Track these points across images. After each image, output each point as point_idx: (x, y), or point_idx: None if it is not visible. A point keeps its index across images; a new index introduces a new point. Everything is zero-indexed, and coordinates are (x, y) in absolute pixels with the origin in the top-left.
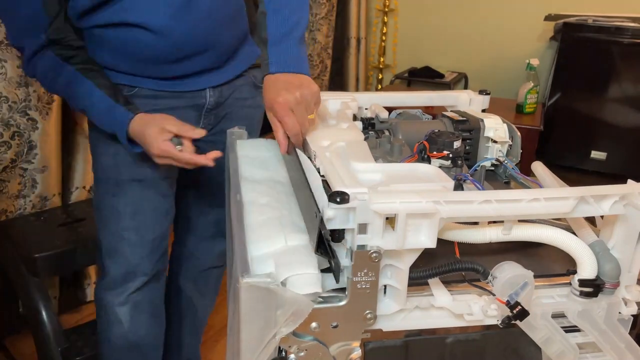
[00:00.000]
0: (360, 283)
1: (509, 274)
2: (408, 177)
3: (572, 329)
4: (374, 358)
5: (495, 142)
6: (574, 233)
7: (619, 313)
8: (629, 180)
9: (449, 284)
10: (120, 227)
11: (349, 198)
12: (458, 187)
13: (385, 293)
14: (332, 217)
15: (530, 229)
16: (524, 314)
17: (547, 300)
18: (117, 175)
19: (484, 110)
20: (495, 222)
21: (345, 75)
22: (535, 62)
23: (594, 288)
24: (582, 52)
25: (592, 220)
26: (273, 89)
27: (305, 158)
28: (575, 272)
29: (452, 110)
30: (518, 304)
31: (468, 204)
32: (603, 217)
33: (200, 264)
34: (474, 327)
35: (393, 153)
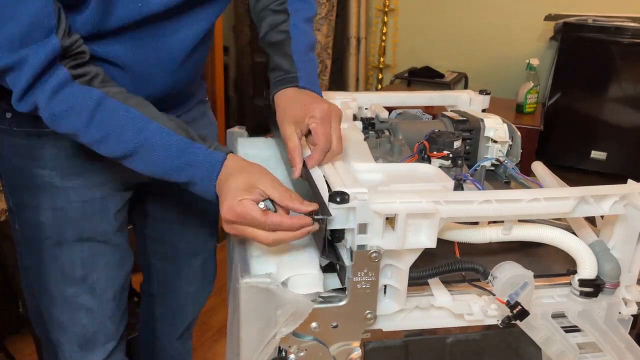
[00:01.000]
0: (360, 283)
1: (509, 274)
2: (408, 177)
3: (572, 329)
4: (374, 358)
5: (496, 142)
6: (574, 233)
7: (619, 313)
8: (629, 180)
9: (449, 284)
10: (71, 293)
11: (349, 198)
12: (458, 187)
13: (385, 293)
14: (332, 217)
15: (531, 229)
16: (524, 314)
17: (547, 300)
18: (57, 235)
19: (484, 110)
20: (495, 222)
21: (345, 75)
22: (535, 62)
23: (594, 288)
24: (582, 52)
25: (592, 220)
26: (303, 100)
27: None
28: (575, 272)
29: (452, 110)
30: (518, 304)
31: (468, 204)
32: (603, 217)
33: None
34: (474, 327)
35: (393, 153)
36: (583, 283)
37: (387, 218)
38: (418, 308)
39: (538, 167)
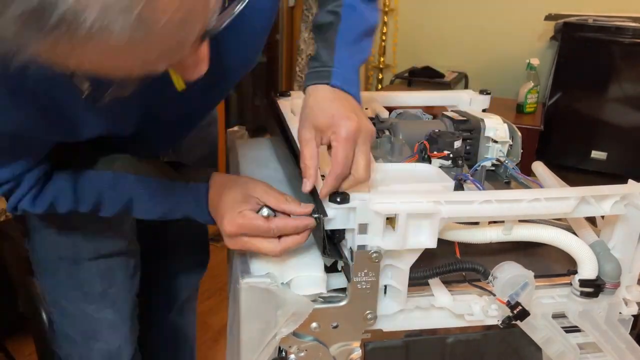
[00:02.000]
0: (361, 283)
1: (510, 274)
2: (408, 177)
3: (572, 329)
4: (374, 358)
5: (496, 142)
6: (575, 233)
7: (620, 313)
8: (630, 180)
9: (450, 284)
10: (92, 308)
11: (349, 198)
12: (458, 187)
13: (386, 293)
14: (332, 217)
15: (531, 229)
16: (525, 314)
17: (547, 301)
18: (74, 254)
19: (485, 110)
20: (496, 222)
21: None
22: (536, 61)
23: (595, 288)
24: (582, 52)
25: (592, 221)
26: (332, 108)
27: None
28: (576, 272)
29: (452, 110)
30: (518, 304)
31: (468, 204)
32: (603, 217)
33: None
34: (475, 327)
35: (393, 153)
36: (583, 283)
37: (387, 218)
38: (418, 308)
39: (538, 167)
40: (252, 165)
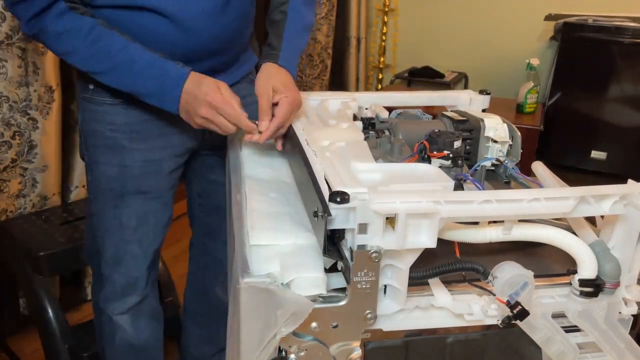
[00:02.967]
0: (361, 283)
1: (509, 274)
2: (408, 177)
3: (572, 329)
4: (374, 358)
5: (496, 142)
6: (574, 233)
7: (619, 313)
8: (629, 180)
9: (449, 284)
10: (124, 239)
11: (349, 198)
12: (458, 187)
13: (386, 293)
14: (332, 216)
15: (531, 229)
16: (524, 314)
17: (547, 300)
18: (121, 187)
19: (484, 110)
20: (496, 222)
21: (345, 75)
22: (536, 62)
23: (594, 288)
24: (582, 51)
25: (592, 220)
26: (280, 78)
27: (312, 156)
28: (576, 272)
29: (452, 110)
30: (518, 304)
31: (468, 204)
32: (603, 217)
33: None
34: (474, 327)
35: (393, 153)
36: (583, 283)
37: (387, 218)
38: (418, 308)
39: (538, 167)
40: (256, 164)
